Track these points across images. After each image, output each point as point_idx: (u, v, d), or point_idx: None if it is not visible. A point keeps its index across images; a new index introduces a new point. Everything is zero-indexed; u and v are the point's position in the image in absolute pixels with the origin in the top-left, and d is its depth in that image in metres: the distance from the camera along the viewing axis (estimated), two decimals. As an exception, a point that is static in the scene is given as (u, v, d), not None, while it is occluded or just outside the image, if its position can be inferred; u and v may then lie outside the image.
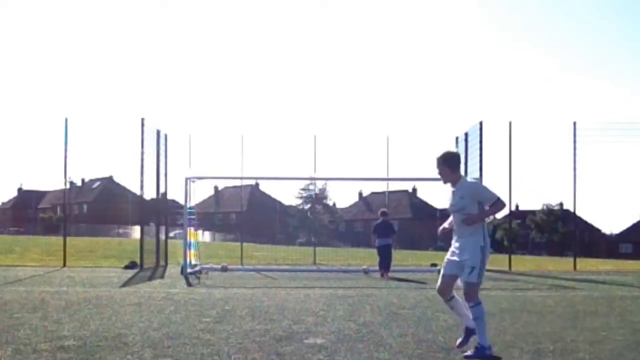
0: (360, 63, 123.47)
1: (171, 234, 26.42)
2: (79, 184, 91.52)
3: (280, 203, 72.62)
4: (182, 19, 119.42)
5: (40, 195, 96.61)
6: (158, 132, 20.79)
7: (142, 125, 19.40)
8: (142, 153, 19.37)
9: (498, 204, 5.56)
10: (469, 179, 6.25)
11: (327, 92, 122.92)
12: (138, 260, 18.98)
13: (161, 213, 22.01)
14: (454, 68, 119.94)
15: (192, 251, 16.86)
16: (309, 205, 63.42)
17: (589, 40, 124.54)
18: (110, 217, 75.76)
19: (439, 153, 5.73)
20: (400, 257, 28.99)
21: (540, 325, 7.53)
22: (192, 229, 17.33)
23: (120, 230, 65.74)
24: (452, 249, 5.68)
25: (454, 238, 5.68)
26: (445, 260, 5.69)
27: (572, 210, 22.97)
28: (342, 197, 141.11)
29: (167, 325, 7.03)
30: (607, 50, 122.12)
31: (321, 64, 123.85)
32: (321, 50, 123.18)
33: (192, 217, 17.33)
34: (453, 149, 6.22)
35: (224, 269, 17.70)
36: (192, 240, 17.03)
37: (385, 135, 23.24)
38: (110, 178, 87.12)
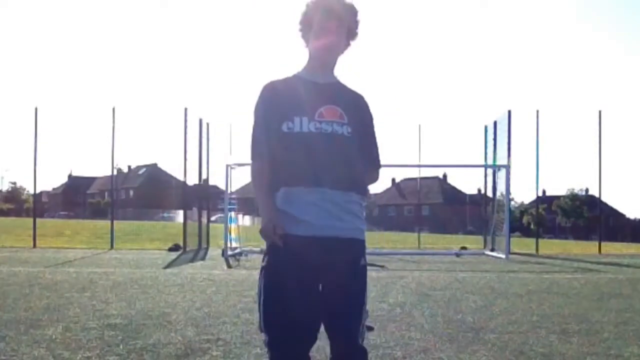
0: (393, 54, 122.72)
1: (213, 218, 26.93)
2: (126, 170, 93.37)
3: (316, 188, 73.03)
4: (223, 10, 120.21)
5: (89, 181, 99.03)
6: (200, 121, 21.23)
7: (185, 114, 19.84)
8: (186, 141, 19.84)
9: None
10: None
11: (361, 83, 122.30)
12: (181, 243, 19.48)
13: (203, 198, 22.49)
14: (483, 58, 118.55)
15: (233, 234, 17.27)
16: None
17: (616, 27, 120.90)
18: (155, 201, 77.23)
19: None
20: (431, 241, 29.01)
21: (566, 306, 7.58)
22: (233, 214, 17.74)
23: (165, 215, 66.89)
24: None
25: None
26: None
27: (597, 195, 23.12)
28: (376, 183, 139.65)
29: (209, 305, 7.16)
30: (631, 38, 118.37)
31: (355, 54, 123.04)
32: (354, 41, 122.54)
33: (233, 201, 17.77)
34: None
35: (263, 252, 18.01)
36: (233, 225, 17.44)
37: (417, 124, 23.52)
38: (155, 165, 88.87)
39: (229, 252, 16.03)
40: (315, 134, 2.46)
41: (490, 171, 21.84)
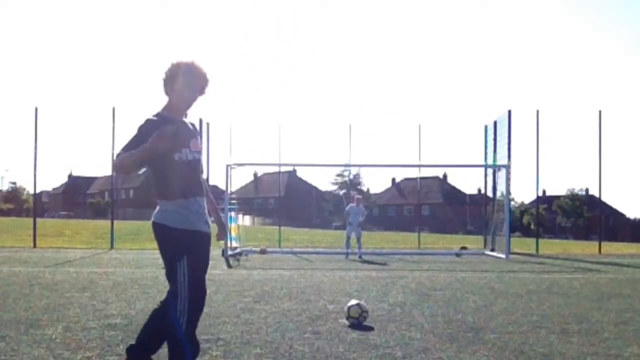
0: (392, 54, 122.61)
1: (212, 218, 27.00)
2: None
3: (316, 189, 73.54)
4: (223, 11, 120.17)
5: (89, 181, 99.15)
6: (200, 121, 21.22)
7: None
8: (185, 140, 19.84)
9: None
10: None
11: (361, 84, 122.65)
12: (182, 244, 19.47)
13: (203, 198, 22.50)
14: (483, 58, 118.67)
15: (233, 234, 17.28)
16: (344, 191, 63.99)
17: (616, 27, 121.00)
18: (155, 202, 77.21)
19: None
20: (431, 241, 29.04)
21: (566, 306, 7.60)
22: (233, 213, 17.76)
23: (165, 214, 66.67)
24: None
25: None
26: None
27: (597, 195, 23.28)
28: (376, 183, 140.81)
29: (209, 305, 7.09)
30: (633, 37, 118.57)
31: (354, 55, 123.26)
32: (354, 41, 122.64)
33: (233, 201, 17.80)
34: None
35: (263, 252, 18.06)
36: (233, 225, 17.47)
37: (417, 124, 23.70)
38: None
39: (229, 252, 16.04)
40: (192, 160, 3.71)
41: (490, 171, 21.91)
